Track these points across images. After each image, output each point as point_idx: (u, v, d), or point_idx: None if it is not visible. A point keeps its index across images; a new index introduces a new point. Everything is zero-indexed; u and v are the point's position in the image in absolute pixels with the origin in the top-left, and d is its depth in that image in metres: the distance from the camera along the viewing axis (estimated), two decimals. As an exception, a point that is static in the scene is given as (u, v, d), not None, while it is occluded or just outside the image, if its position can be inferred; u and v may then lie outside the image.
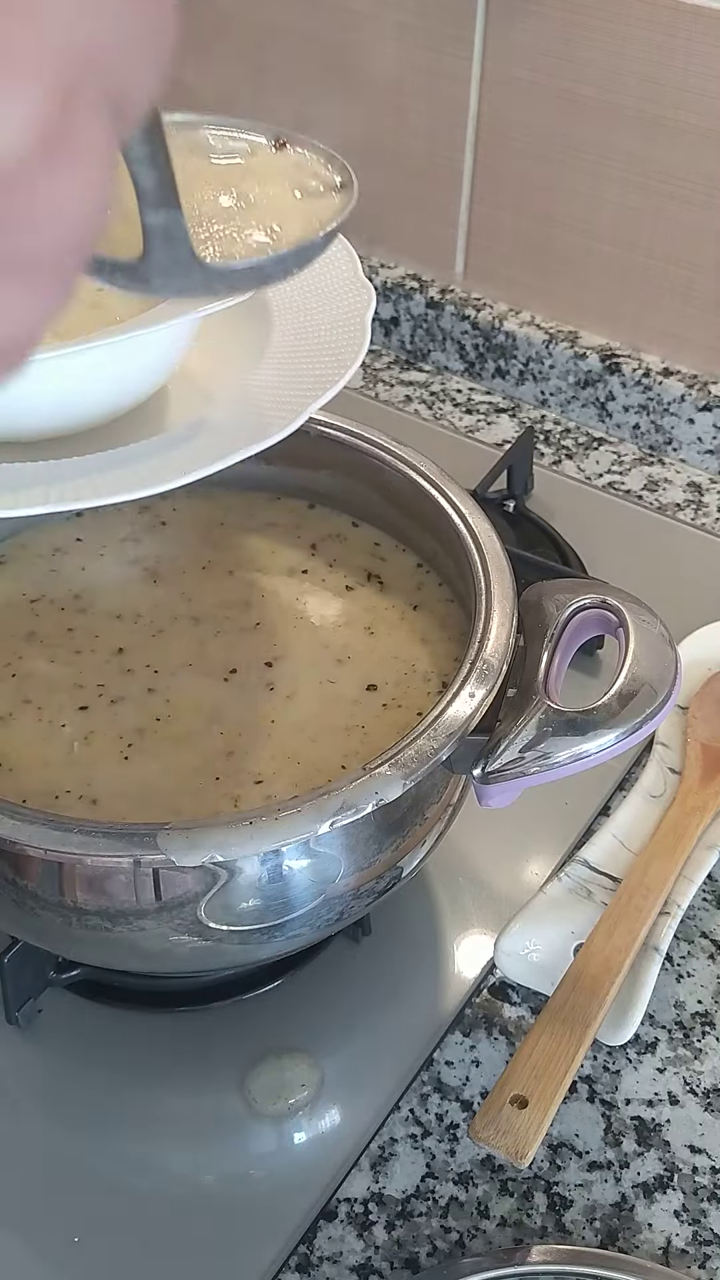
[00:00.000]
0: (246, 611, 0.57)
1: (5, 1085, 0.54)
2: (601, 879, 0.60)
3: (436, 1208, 0.51)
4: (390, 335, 0.98)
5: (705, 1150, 0.52)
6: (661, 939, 0.56)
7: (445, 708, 0.46)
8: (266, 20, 0.92)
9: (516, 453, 0.82)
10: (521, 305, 0.93)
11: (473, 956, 0.59)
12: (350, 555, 0.60)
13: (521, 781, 0.46)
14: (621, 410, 0.89)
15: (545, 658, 0.49)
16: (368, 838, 0.47)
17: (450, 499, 0.56)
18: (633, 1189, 0.51)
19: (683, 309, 0.86)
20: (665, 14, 0.76)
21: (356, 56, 0.90)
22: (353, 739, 0.51)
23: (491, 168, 0.89)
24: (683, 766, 0.64)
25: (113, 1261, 0.49)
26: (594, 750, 0.46)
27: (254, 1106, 0.53)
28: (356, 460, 0.59)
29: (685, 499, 0.85)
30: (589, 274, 0.88)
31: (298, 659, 0.55)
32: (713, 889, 0.61)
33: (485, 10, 0.83)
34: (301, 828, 0.43)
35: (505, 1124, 0.49)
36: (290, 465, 0.61)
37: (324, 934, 0.53)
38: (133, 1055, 0.55)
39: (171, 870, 0.43)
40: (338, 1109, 0.54)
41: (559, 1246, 0.48)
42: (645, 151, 0.81)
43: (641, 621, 0.49)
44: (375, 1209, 0.51)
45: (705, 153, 0.79)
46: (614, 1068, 0.55)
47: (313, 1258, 0.49)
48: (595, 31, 0.79)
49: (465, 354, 0.94)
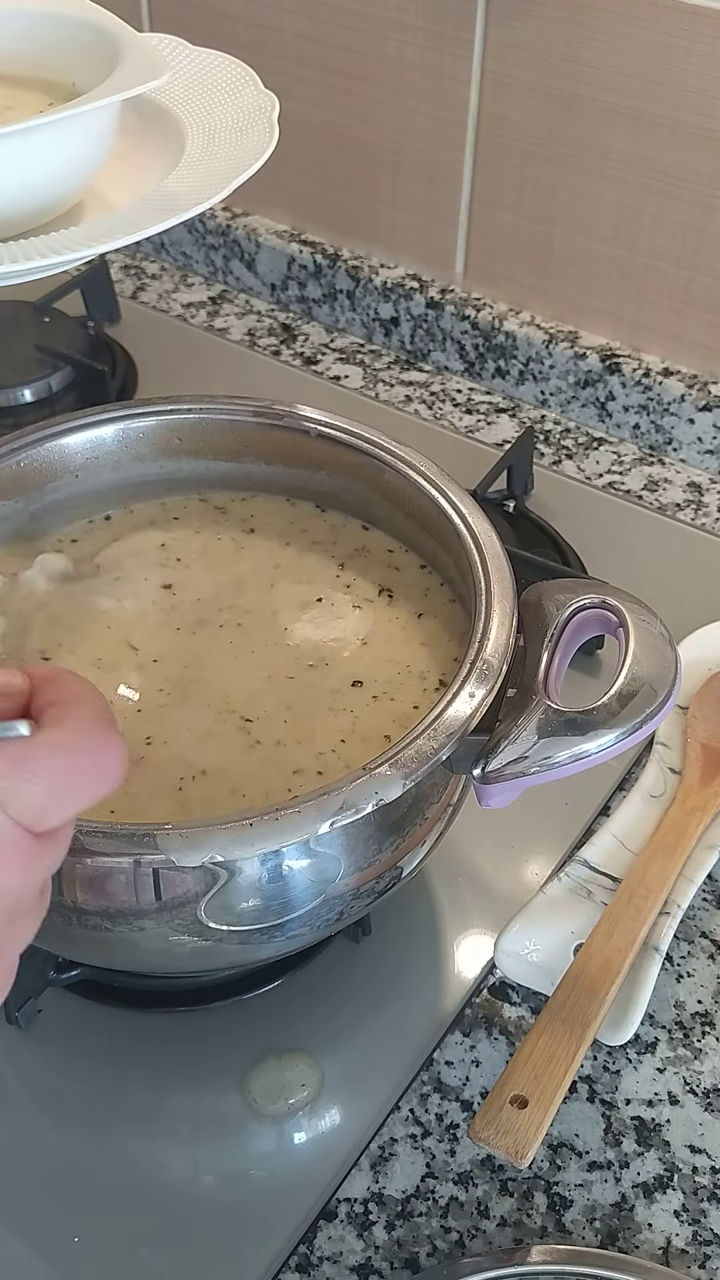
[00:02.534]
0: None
1: (5, 1085, 0.54)
2: (601, 879, 0.60)
3: (436, 1208, 0.51)
4: (390, 335, 0.98)
5: (705, 1150, 0.52)
6: (661, 939, 0.56)
7: (445, 708, 0.46)
8: (266, 20, 0.92)
9: (516, 453, 0.82)
10: (521, 305, 0.93)
11: (473, 956, 0.59)
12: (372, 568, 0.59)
13: (521, 781, 0.46)
14: (621, 410, 0.89)
15: (545, 658, 0.49)
16: (368, 838, 0.47)
17: (450, 499, 0.56)
18: (633, 1189, 0.51)
19: (683, 309, 0.86)
20: (665, 14, 0.76)
21: (356, 56, 0.90)
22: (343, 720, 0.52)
23: (491, 168, 0.89)
24: (683, 766, 0.64)
25: (113, 1261, 0.49)
26: (594, 750, 0.46)
27: (254, 1106, 0.53)
28: (356, 461, 0.59)
29: (685, 499, 0.85)
30: (589, 274, 0.88)
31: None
32: (713, 889, 0.61)
33: (485, 10, 0.83)
34: (301, 828, 0.43)
35: (505, 1124, 0.49)
36: (290, 465, 0.61)
37: (324, 934, 0.53)
38: (133, 1055, 0.55)
39: (171, 870, 0.43)
40: (338, 1109, 0.54)
41: (559, 1246, 0.48)
42: (645, 151, 0.81)
43: (641, 621, 0.49)
44: (375, 1209, 0.51)
45: (705, 153, 0.79)
46: (614, 1068, 0.55)
47: (313, 1258, 0.49)
48: (595, 31, 0.79)
49: (465, 354, 0.94)
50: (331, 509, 0.62)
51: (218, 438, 0.61)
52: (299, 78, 0.93)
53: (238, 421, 0.61)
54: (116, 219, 0.57)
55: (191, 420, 0.61)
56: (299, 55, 0.92)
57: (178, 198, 0.57)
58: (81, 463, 0.60)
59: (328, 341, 0.99)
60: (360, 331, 0.99)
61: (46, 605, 0.56)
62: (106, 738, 0.31)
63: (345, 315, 0.99)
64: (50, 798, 0.30)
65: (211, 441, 0.61)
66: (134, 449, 0.61)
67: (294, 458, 0.61)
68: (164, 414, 0.61)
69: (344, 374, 0.96)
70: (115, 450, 0.60)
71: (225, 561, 0.60)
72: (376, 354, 0.98)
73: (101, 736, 0.31)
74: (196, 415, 0.61)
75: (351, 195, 0.95)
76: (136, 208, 0.58)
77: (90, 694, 0.32)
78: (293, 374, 0.95)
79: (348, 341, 0.99)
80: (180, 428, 0.61)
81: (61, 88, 0.63)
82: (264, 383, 0.94)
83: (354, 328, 0.99)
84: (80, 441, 0.60)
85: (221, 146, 0.61)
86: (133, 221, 0.55)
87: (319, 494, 0.62)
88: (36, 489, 0.59)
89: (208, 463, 0.62)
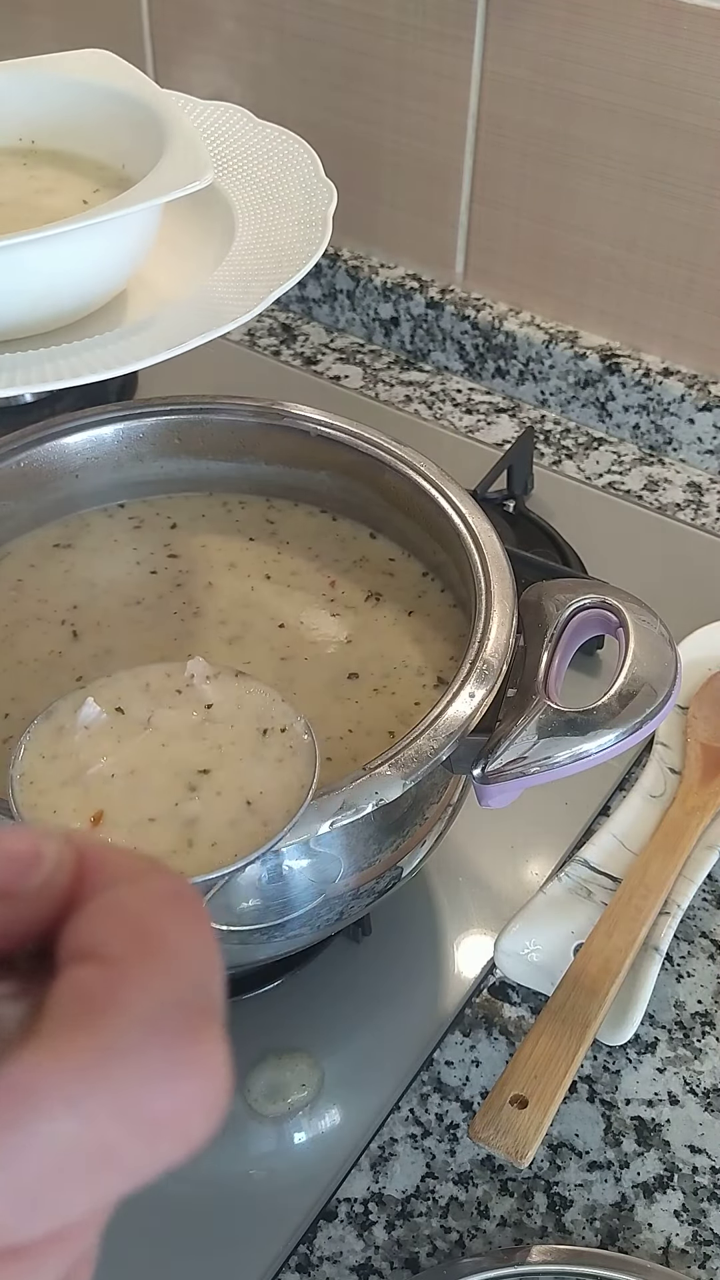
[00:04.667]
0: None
1: (5, 1085, 0.54)
2: (601, 879, 0.60)
3: (436, 1208, 0.51)
4: (390, 335, 0.98)
5: (705, 1150, 0.52)
6: (661, 939, 0.56)
7: (445, 708, 0.46)
8: (266, 20, 0.92)
9: (516, 453, 0.82)
10: (521, 305, 0.93)
11: (473, 956, 0.59)
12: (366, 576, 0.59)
13: (521, 781, 0.46)
14: (621, 410, 0.89)
15: (545, 658, 0.49)
16: (368, 838, 0.47)
17: (450, 499, 0.56)
18: (633, 1189, 0.51)
19: (683, 309, 0.86)
20: (665, 14, 0.76)
21: (357, 56, 0.90)
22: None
23: (491, 168, 0.89)
24: (683, 766, 0.64)
25: (113, 1261, 0.49)
26: (594, 750, 0.46)
27: (254, 1106, 0.53)
28: (356, 461, 0.59)
29: (685, 499, 0.85)
30: (589, 274, 0.88)
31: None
32: (713, 889, 0.61)
33: (485, 10, 0.83)
34: (301, 828, 0.43)
35: (505, 1124, 0.49)
36: (290, 466, 0.61)
37: (324, 934, 0.53)
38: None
39: (171, 870, 0.43)
40: (338, 1109, 0.54)
41: (559, 1246, 0.48)
42: (645, 151, 0.81)
43: (641, 621, 0.49)
44: (375, 1209, 0.51)
45: (705, 153, 0.79)
46: (614, 1068, 0.55)
47: (313, 1258, 0.49)
48: (595, 31, 0.79)
49: (465, 354, 0.94)
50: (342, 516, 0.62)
51: (218, 438, 0.61)
52: (299, 78, 0.93)
53: (238, 421, 0.61)
54: (155, 333, 0.53)
55: (191, 420, 0.61)
56: (299, 55, 0.92)
57: (222, 303, 0.54)
58: (81, 463, 0.60)
59: (328, 341, 0.99)
60: (360, 331, 0.99)
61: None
62: (194, 1043, 0.17)
63: (345, 315, 0.99)
64: (33, 1189, 0.16)
65: (211, 441, 0.61)
66: (134, 449, 0.61)
67: (294, 458, 0.61)
68: (164, 414, 0.61)
69: (344, 374, 0.96)
70: (115, 450, 0.61)
71: (224, 561, 0.60)
72: (376, 354, 0.98)
73: (186, 1037, 0.17)
74: (196, 415, 0.61)
75: (351, 195, 0.95)
76: (177, 314, 0.54)
77: (178, 918, 0.19)
78: (293, 374, 0.96)
79: (348, 341, 0.99)
80: (180, 428, 0.61)
81: (110, 171, 0.61)
82: (264, 383, 0.94)
83: (354, 328, 0.99)
84: (80, 441, 0.60)
85: (271, 241, 0.57)
86: (171, 335, 0.52)
87: (319, 495, 0.62)
88: (37, 489, 0.59)
89: (208, 463, 0.62)
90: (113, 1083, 0.17)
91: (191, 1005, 0.18)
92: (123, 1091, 0.17)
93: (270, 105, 0.95)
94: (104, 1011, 0.17)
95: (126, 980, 0.17)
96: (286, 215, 0.59)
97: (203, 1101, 0.18)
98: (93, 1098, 0.16)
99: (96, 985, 0.17)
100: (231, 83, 0.97)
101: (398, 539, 0.60)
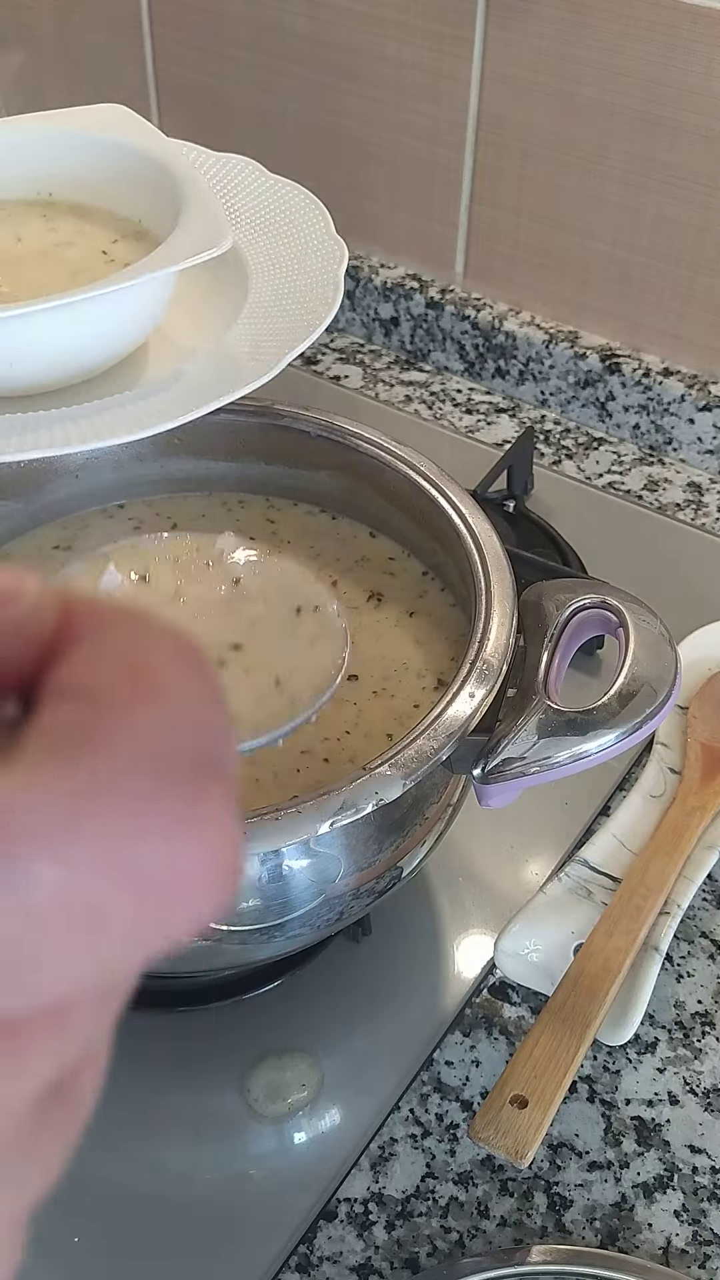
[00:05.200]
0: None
1: (5, 1085, 0.54)
2: (601, 879, 0.60)
3: (436, 1208, 0.51)
4: (390, 335, 0.98)
5: (705, 1150, 0.52)
6: (661, 939, 0.56)
7: (445, 708, 0.46)
8: (266, 20, 0.92)
9: (516, 453, 0.82)
10: (521, 305, 0.93)
11: (473, 956, 0.59)
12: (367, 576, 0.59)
13: (521, 781, 0.46)
14: (621, 410, 0.89)
15: (545, 658, 0.49)
16: (368, 838, 0.47)
17: (450, 499, 0.56)
18: (633, 1189, 0.51)
19: (683, 309, 0.86)
20: (665, 14, 0.76)
21: (356, 56, 0.90)
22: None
23: (491, 168, 0.89)
24: (683, 766, 0.64)
25: (113, 1261, 0.49)
26: (594, 750, 0.46)
27: (254, 1106, 0.53)
28: (356, 461, 0.59)
29: (685, 499, 0.85)
30: (589, 274, 0.88)
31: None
32: (713, 889, 0.61)
33: (485, 10, 0.83)
34: (301, 828, 0.43)
35: (505, 1124, 0.49)
36: (290, 465, 0.61)
37: (324, 934, 0.53)
38: (132, 1055, 0.55)
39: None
40: (338, 1109, 0.54)
41: (559, 1246, 0.48)
42: (645, 151, 0.81)
43: (641, 621, 0.49)
44: (375, 1209, 0.51)
45: (705, 153, 0.79)
46: (614, 1068, 0.55)
47: (313, 1258, 0.49)
48: (595, 31, 0.79)
49: (465, 354, 0.94)
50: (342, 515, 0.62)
51: (218, 438, 0.61)
52: (299, 78, 0.93)
53: (237, 421, 0.61)
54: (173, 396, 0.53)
55: (192, 420, 0.61)
56: (299, 55, 0.92)
57: (239, 364, 0.55)
58: (81, 463, 0.60)
59: (328, 341, 0.99)
60: (360, 331, 0.99)
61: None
62: (195, 800, 0.16)
63: (345, 315, 0.99)
64: (26, 940, 0.15)
65: (211, 441, 0.61)
66: (134, 449, 0.61)
67: (294, 458, 0.61)
68: (164, 414, 0.61)
69: (344, 374, 0.96)
70: (115, 450, 0.60)
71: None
72: (376, 354, 0.98)
73: (186, 790, 0.16)
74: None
75: (351, 195, 0.95)
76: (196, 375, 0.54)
77: (170, 655, 0.17)
78: (293, 374, 0.95)
79: (348, 341, 0.99)
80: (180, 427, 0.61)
81: (128, 224, 0.62)
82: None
83: (354, 327, 0.99)
84: (80, 441, 0.60)
85: (285, 300, 0.58)
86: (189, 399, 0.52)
87: (319, 494, 0.62)
88: (36, 489, 0.59)
89: (208, 463, 0.62)
90: (96, 827, 0.15)
91: (192, 757, 0.16)
92: (107, 841, 0.15)
93: (270, 105, 0.95)
94: (84, 746, 0.15)
95: (114, 717, 0.15)
96: (299, 272, 0.60)
97: (206, 866, 0.15)
98: (71, 843, 0.15)
99: (78, 720, 0.15)
100: (232, 82, 0.97)
101: (398, 538, 0.60)
